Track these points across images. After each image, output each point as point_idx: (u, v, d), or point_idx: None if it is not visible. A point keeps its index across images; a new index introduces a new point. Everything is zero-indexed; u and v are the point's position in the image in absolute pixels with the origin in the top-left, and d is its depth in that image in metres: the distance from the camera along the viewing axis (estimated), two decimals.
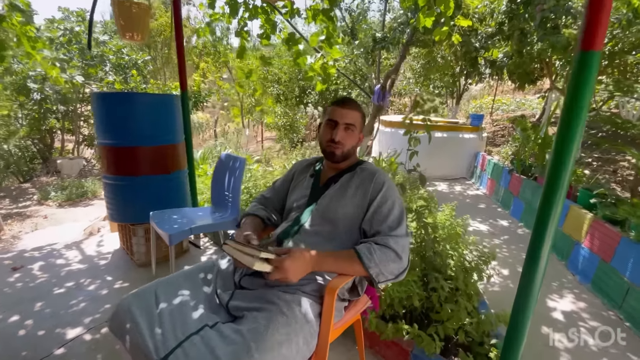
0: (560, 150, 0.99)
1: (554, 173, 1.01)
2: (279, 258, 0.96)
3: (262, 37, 2.88)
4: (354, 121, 1.18)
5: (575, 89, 0.95)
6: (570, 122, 0.96)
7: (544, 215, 1.04)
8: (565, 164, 0.99)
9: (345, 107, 1.18)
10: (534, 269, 1.07)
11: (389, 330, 1.43)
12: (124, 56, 7.43)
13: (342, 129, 1.17)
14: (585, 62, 0.93)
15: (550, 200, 1.02)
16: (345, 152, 1.20)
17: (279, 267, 0.94)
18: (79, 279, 2.28)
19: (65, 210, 5.44)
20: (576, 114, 0.95)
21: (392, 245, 1.04)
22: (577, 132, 0.96)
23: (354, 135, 1.20)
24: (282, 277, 0.94)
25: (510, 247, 2.91)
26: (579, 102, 0.95)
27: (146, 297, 1.04)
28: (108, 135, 2.25)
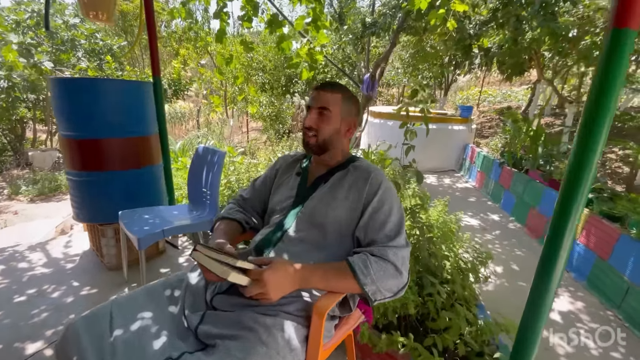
0: (584, 146, 0.86)
1: (574, 173, 0.88)
2: (258, 269, 0.80)
3: (243, 20, 2.65)
4: (328, 103, 1.01)
5: (605, 72, 0.81)
6: (598, 113, 0.83)
7: (559, 223, 0.91)
8: (589, 162, 0.86)
9: (321, 89, 1.03)
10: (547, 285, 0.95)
11: (382, 342, 1.30)
12: (98, 41, 6.98)
13: (314, 114, 1.02)
14: (618, 41, 0.79)
15: (568, 205, 0.89)
16: (320, 141, 1.03)
17: (258, 279, 0.78)
18: (42, 285, 2.07)
19: (36, 205, 5.12)
20: (605, 101, 0.82)
21: (390, 258, 0.89)
22: (605, 123, 0.83)
23: (329, 120, 1.02)
24: (261, 292, 0.78)
25: (502, 242, 2.84)
26: (609, 87, 0.81)
27: (98, 320, 0.87)
28: (70, 126, 2.01)
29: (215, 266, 0.77)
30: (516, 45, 3.20)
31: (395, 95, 12.11)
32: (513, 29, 2.74)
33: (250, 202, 1.20)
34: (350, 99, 1.07)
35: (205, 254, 0.80)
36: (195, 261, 0.82)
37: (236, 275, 0.76)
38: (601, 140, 0.84)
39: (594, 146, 0.85)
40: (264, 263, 0.84)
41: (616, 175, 3.67)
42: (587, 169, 0.86)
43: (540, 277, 0.96)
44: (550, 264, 0.94)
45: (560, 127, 5.45)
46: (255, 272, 0.80)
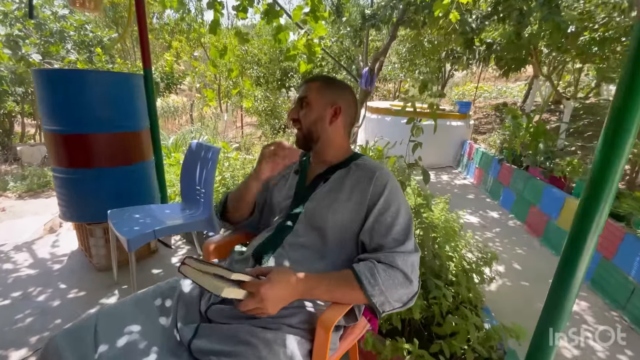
0: (610, 145, 0.79)
1: (598, 175, 0.81)
2: (255, 281, 0.73)
3: (238, 10, 2.55)
4: (307, 92, 0.98)
5: (636, 66, 0.74)
6: (627, 111, 0.76)
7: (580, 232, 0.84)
8: (614, 165, 0.78)
9: (304, 83, 1.01)
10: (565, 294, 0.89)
11: (387, 349, 1.24)
12: (88, 33, 6.78)
13: (295, 106, 1.00)
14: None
15: (592, 210, 0.82)
16: (305, 131, 0.99)
17: (255, 293, 0.71)
18: (28, 288, 1.97)
19: (25, 202, 4.98)
20: (635, 99, 0.75)
21: (400, 265, 0.82)
22: (634, 123, 0.76)
23: (309, 110, 0.97)
24: (258, 307, 0.71)
25: (503, 240, 2.80)
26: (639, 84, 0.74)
27: (82, 335, 0.79)
28: (55, 120, 1.90)
29: (206, 281, 0.70)
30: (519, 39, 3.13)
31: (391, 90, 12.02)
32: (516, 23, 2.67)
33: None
34: (330, 83, 1.00)
35: (196, 268, 0.73)
36: (186, 277, 0.74)
37: (231, 289, 0.68)
38: (629, 141, 0.77)
39: (620, 148, 0.78)
40: (263, 273, 0.77)
41: None
42: (613, 172, 0.79)
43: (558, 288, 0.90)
44: (570, 273, 0.87)
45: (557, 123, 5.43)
46: (251, 284, 0.72)
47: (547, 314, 0.94)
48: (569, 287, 0.88)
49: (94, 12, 2.29)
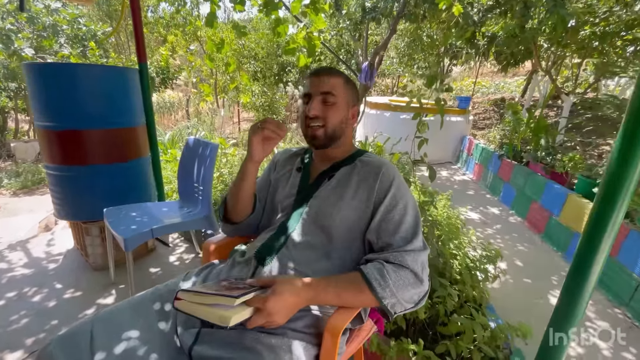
0: (628, 145, 0.75)
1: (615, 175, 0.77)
2: (260, 296, 0.69)
3: (235, 3, 2.48)
4: (333, 88, 0.90)
5: None
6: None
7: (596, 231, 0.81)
8: (634, 164, 0.75)
9: (320, 74, 0.91)
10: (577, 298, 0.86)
11: (392, 350, 1.21)
12: (81, 26, 6.65)
13: (318, 101, 0.90)
14: None
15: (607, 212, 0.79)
16: (329, 131, 0.92)
17: (262, 308, 0.67)
18: (23, 288, 1.93)
19: (20, 199, 4.90)
20: None
21: (409, 264, 0.79)
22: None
23: (337, 107, 0.91)
24: (267, 321, 0.68)
25: (504, 237, 2.78)
26: None
27: (78, 341, 0.75)
28: (46, 115, 1.85)
29: (208, 314, 0.65)
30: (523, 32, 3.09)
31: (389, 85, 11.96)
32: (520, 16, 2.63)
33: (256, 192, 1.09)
34: (351, 83, 0.96)
35: (192, 301, 0.68)
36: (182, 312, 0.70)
37: (237, 315, 0.64)
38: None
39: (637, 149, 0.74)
40: (266, 284, 0.73)
41: None
42: (632, 170, 0.75)
43: (570, 289, 0.87)
44: (583, 275, 0.84)
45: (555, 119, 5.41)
46: (256, 299, 0.69)
47: (558, 317, 0.91)
48: (582, 291, 0.85)
49: (87, 4, 2.22)
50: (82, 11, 7.42)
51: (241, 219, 1.03)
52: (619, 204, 0.78)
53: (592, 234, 0.82)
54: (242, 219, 1.04)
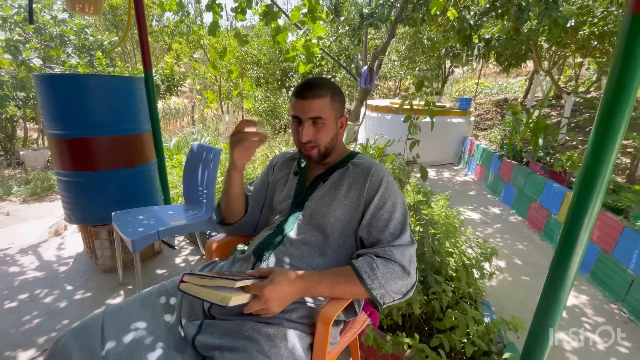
0: (601, 138, 0.80)
1: (590, 168, 0.82)
2: (258, 284, 0.75)
3: (236, 12, 2.57)
4: (321, 112, 0.93)
5: (624, 61, 0.75)
6: (616, 102, 0.77)
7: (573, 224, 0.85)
8: (607, 156, 0.80)
9: (306, 97, 0.92)
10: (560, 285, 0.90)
11: (388, 344, 1.26)
12: (88, 37, 6.82)
13: (308, 126, 0.94)
14: (638, 27, 0.73)
15: (585, 203, 0.83)
16: (322, 150, 0.98)
17: (259, 295, 0.73)
18: (34, 290, 2.01)
19: (29, 206, 5.02)
20: (625, 90, 0.76)
21: (397, 258, 0.85)
22: (625, 114, 0.77)
23: (326, 128, 0.96)
24: (263, 308, 0.74)
25: (504, 236, 2.81)
26: (629, 76, 0.75)
27: (90, 332, 0.82)
28: (56, 124, 1.93)
29: (210, 295, 0.71)
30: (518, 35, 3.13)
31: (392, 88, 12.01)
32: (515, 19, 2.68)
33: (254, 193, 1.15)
34: (338, 95, 0.99)
35: (196, 283, 0.74)
36: (188, 294, 0.76)
37: (236, 297, 0.70)
38: (620, 134, 0.79)
39: (612, 140, 0.79)
40: (264, 275, 0.79)
41: (616, 167, 3.65)
42: (605, 164, 0.80)
43: (553, 279, 0.92)
44: (564, 265, 0.89)
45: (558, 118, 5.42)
46: (255, 287, 0.75)
47: (543, 306, 0.95)
48: (564, 279, 0.89)
49: (94, 16, 2.32)
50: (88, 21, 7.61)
51: (235, 220, 1.10)
52: (595, 195, 0.82)
53: (572, 224, 0.86)
54: (235, 221, 1.10)
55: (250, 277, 0.78)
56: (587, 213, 0.84)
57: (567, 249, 0.88)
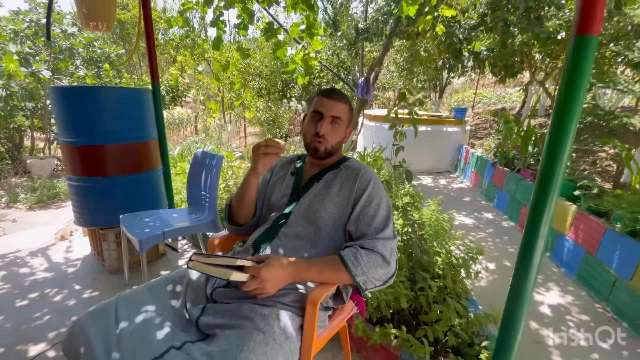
0: (554, 143, 0.92)
1: (547, 168, 0.94)
2: (255, 266, 0.86)
3: (239, 28, 2.73)
4: (341, 114, 1.09)
5: (570, 76, 0.88)
6: (565, 113, 0.90)
7: (536, 213, 0.98)
8: (559, 158, 0.92)
9: (333, 98, 1.08)
10: (527, 271, 1.02)
11: (376, 335, 1.36)
12: (96, 49, 7.06)
13: (327, 122, 1.08)
14: (581, 47, 0.85)
15: (544, 197, 0.96)
16: (329, 148, 1.11)
17: (256, 275, 0.84)
18: (44, 289, 2.11)
19: (35, 213, 5.15)
20: (571, 104, 0.89)
21: (379, 249, 0.95)
22: (572, 124, 0.90)
23: (340, 130, 1.11)
24: (259, 287, 0.85)
25: (495, 240, 2.90)
26: (574, 90, 0.88)
27: (105, 315, 0.92)
28: (69, 132, 2.07)
29: (214, 271, 0.83)
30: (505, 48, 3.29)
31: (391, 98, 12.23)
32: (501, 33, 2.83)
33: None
34: (351, 108, 1.16)
35: (203, 262, 0.86)
36: (195, 271, 0.87)
37: (237, 274, 0.82)
38: (570, 139, 0.91)
39: (563, 144, 0.91)
40: (261, 260, 0.90)
41: (606, 174, 3.75)
42: (559, 163, 0.92)
43: (521, 266, 1.03)
44: (529, 252, 1.00)
45: None
46: (252, 268, 0.86)
47: (513, 292, 1.06)
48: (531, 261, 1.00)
49: (106, 32, 2.48)
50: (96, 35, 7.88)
51: (245, 221, 1.22)
52: (553, 189, 0.94)
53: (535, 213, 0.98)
54: (245, 222, 1.22)
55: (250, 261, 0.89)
56: (547, 202, 0.95)
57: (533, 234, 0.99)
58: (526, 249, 1.01)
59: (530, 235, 1.00)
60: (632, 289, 1.85)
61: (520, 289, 1.03)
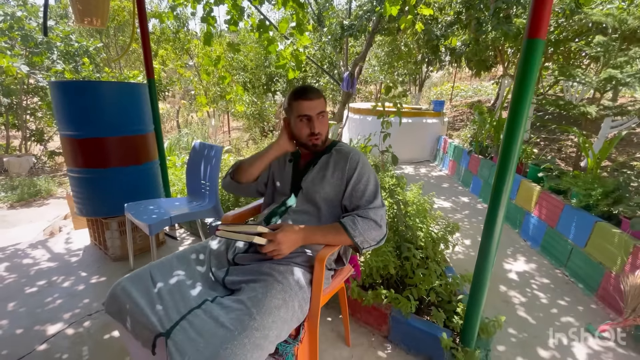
0: (511, 130, 1.14)
1: (505, 149, 1.16)
2: (272, 232, 1.04)
3: (229, 23, 2.85)
4: (323, 107, 1.24)
5: (522, 74, 1.10)
6: (518, 105, 1.12)
7: (498, 187, 1.20)
8: (515, 141, 1.14)
9: (312, 99, 1.21)
10: (491, 235, 1.24)
11: (369, 296, 1.57)
12: (73, 43, 6.89)
13: (317, 120, 1.22)
14: (531, 49, 1.07)
15: (503, 173, 1.18)
16: (324, 139, 1.28)
17: (273, 239, 1.02)
18: (51, 277, 2.20)
19: (17, 211, 5.06)
20: (523, 97, 1.11)
21: (372, 216, 1.15)
22: (524, 113, 1.12)
23: (326, 120, 1.27)
24: (276, 248, 1.03)
25: (471, 220, 3.18)
26: (525, 86, 1.10)
27: (142, 278, 1.07)
28: (71, 126, 2.15)
29: (239, 236, 1.00)
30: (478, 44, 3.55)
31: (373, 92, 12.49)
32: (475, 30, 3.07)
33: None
34: (324, 97, 1.31)
35: (227, 230, 1.03)
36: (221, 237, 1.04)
37: (258, 238, 1.00)
38: (522, 123, 1.13)
39: (517, 131, 1.13)
40: (276, 227, 1.08)
41: (570, 159, 4.12)
42: (514, 148, 1.14)
43: (487, 229, 1.25)
44: (492, 219, 1.22)
45: None
46: (270, 234, 1.04)
47: (481, 251, 1.28)
48: (494, 226, 1.23)
49: (101, 27, 2.55)
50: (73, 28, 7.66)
51: (246, 181, 1.36)
52: (511, 163, 1.16)
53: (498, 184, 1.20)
54: (246, 182, 1.36)
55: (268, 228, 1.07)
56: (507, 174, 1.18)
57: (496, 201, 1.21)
58: (490, 218, 1.23)
59: (492, 208, 1.22)
60: (586, 254, 2.14)
61: (486, 249, 1.26)
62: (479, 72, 6.24)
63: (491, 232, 1.24)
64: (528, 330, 1.76)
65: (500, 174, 1.18)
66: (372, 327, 1.66)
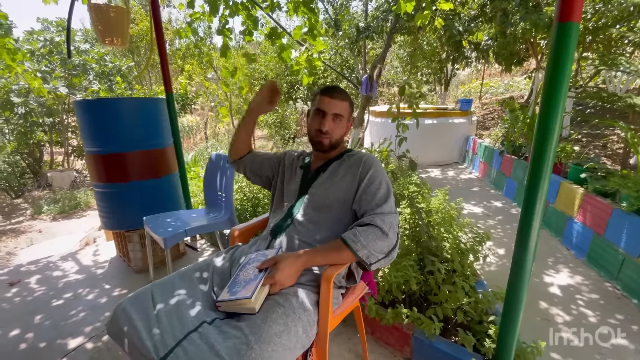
0: (544, 126, 0.99)
1: (538, 149, 1.02)
2: (268, 277, 0.98)
3: (244, 34, 2.85)
4: (342, 111, 1.19)
5: (554, 62, 0.95)
6: (552, 97, 0.97)
7: (531, 191, 1.05)
8: (549, 139, 0.99)
9: (334, 97, 1.18)
10: (526, 245, 1.09)
11: (388, 315, 1.44)
12: (107, 63, 7.33)
13: (330, 119, 1.18)
14: (563, 34, 0.93)
15: (537, 175, 1.03)
16: (333, 141, 1.21)
17: (274, 283, 0.97)
18: (77, 289, 2.26)
19: (59, 223, 5.39)
20: (557, 88, 0.96)
21: (377, 223, 1.03)
22: (559, 106, 0.97)
23: (341, 125, 1.21)
24: (281, 287, 0.99)
25: (505, 227, 2.94)
26: (559, 76, 0.95)
27: (142, 299, 1.04)
28: (93, 142, 2.22)
29: (240, 309, 0.95)
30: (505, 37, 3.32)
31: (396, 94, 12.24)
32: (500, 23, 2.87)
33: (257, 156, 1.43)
34: (352, 103, 1.26)
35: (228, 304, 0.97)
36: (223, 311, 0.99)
37: (258, 301, 0.93)
38: (557, 117, 0.98)
39: (551, 127, 0.98)
40: (270, 264, 1.01)
41: (617, 157, 3.73)
42: (550, 142, 0.99)
43: (520, 239, 1.10)
44: (527, 225, 1.07)
45: None
46: (268, 279, 0.97)
47: (514, 264, 1.13)
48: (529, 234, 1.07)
49: (121, 47, 2.63)
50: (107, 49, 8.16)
51: (239, 156, 1.41)
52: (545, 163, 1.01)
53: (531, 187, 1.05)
54: (239, 157, 1.41)
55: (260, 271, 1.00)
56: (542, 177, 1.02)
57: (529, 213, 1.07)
58: (523, 226, 1.08)
59: (526, 214, 1.07)
60: None
61: (521, 261, 1.11)
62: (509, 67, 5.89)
63: (526, 241, 1.09)
64: (573, 354, 1.54)
65: (534, 174, 1.03)
66: (393, 347, 1.53)
